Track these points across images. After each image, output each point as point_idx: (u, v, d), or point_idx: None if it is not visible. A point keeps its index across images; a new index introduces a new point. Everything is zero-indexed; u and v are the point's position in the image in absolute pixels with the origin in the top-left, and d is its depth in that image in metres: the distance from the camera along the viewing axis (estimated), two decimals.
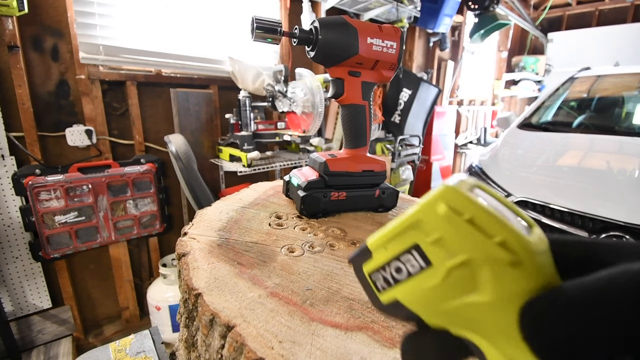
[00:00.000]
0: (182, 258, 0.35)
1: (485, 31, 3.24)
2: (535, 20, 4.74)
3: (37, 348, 1.46)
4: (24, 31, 1.31)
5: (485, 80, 4.48)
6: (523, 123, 2.13)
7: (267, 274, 0.33)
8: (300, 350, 0.23)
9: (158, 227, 1.72)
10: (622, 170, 1.37)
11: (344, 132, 0.52)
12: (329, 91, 0.50)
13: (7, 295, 1.39)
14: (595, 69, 2.42)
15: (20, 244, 1.38)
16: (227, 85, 1.88)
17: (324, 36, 0.42)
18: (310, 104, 1.60)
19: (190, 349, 0.32)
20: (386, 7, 2.28)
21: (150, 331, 0.47)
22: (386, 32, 0.45)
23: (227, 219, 0.44)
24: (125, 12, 1.54)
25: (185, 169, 1.34)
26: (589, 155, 1.57)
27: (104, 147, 1.55)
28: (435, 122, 3.29)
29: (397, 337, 0.26)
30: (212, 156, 1.86)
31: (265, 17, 0.41)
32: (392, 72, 0.48)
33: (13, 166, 1.33)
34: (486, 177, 1.66)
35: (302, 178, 0.49)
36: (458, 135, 3.98)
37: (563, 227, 1.25)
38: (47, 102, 1.41)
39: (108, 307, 1.74)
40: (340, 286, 0.32)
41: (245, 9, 1.92)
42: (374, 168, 0.52)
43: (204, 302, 0.28)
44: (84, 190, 1.46)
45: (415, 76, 2.79)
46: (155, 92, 1.68)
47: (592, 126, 1.90)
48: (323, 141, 1.78)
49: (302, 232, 0.43)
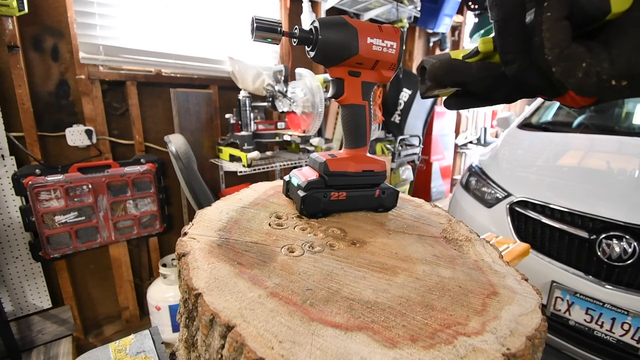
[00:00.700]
0: (182, 258, 0.35)
1: (485, 31, 3.24)
2: None
3: (37, 348, 1.46)
4: (24, 31, 1.31)
5: None
6: (523, 123, 2.13)
7: (267, 274, 0.33)
8: (300, 350, 0.23)
9: (158, 227, 1.72)
10: (622, 170, 1.37)
11: (344, 132, 0.52)
12: (329, 91, 0.50)
13: (7, 295, 1.39)
14: None
15: (20, 244, 1.38)
16: (227, 85, 1.88)
17: (324, 36, 0.42)
18: (310, 104, 1.60)
19: (190, 349, 0.32)
20: (386, 7, 2.28)
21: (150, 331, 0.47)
22: (386, 32, 0.45)
23: (227, 219, 0.44)
24: (126, 12, 1.55)
25: (185, 169, 1.34)
26: (589, 155, 1.57)
27: (104, 147, 1.55)
28: (435, 122, 3.29)
29: (397, 337, 0.26)
30: (212, 156, 1.86)
31: (265, 17, 0.41)
32: (392, 72, 0.48)
33: (13, 166, 1.33)
34: (486, 177, 1.66)
35: (302, 178, 0.49)
36: (458, 135, 3.98)
37: (563, 227, 1.25)
38: (47, 102, 1.41)
39: (108, 307, 1.74)
40: (340, 286, 0.32)
41: (245, 9, 1.92)
42: (374, 168, 0.52)
43: (204, 302, 0.28)
44: (84, 190, 1.46)
45: (416, 76, 2.79)
46: (155, 92, 1.68)
47: (592, 126, 1.90)
48: (323, 141, 1.78)
49: (302, 232, 0.43)
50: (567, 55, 0.20)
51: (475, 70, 0.25)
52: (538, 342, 0.27)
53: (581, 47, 0.20)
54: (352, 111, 0.49)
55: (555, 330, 1.27)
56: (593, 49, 0.20)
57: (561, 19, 0.20)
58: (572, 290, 1.21)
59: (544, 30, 0.20)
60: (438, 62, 0.26)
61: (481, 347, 0.25)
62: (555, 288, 1.25)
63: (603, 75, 0.20)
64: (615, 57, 0.20)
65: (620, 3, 0.19)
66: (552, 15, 0.20)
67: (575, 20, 0.20)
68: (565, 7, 0.20)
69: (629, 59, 0.19)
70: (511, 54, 0.22)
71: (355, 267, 0.36)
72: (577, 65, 0.20)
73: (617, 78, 0.20)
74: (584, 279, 1.19)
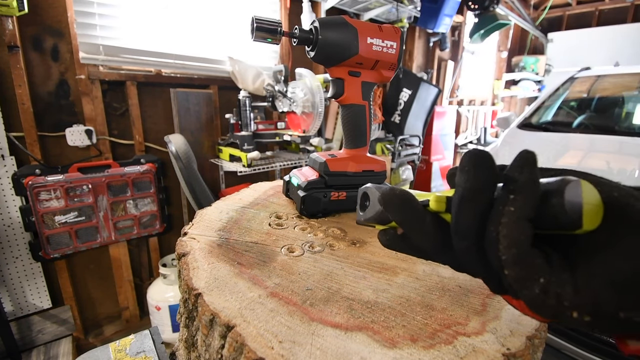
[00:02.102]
0: (182, 258, 0.35)
1: (485, 31, 3.24)
2: (535, 20, 4.74)
3: (37, 348, 1.46)
4: (24, 31, 1.31)
5: (485, 80, 4.48)
6: (523, 123, 2.13)
7: (267, 274, 0.33)
8: (300, 350, 0.23)
9: (158, 227, 1.72)
10: (622, 170, 1.37)
11: (344, 132, 0.52)
12: (329, 91, 0.50)
13: (7, 295, 1.39)
14: (595, 69, 2.42)
15: (20, 244, 1.38)
16: (227, 85, 1.88)
17: (324, 36, 0.42)
18: (310, 104, 1.60)
19: (190, 349, 0.32)
20: (386, 7, 2.28)
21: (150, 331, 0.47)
22: (386, 32, 0.45)
23: (227, 219, 0.44)
24: (125, 12, 1.54)
25: (185, 169, 1.34)
26: (589, 155, 1.57)
27: (104, 147, 1.55)
28: (435, 122, 3.29)
29: (397, 337, 0.26)
30: (212, 156, 1.86)
31: (265, 17, 0.41)
32: (392, 72, 0.48)
33: (13, 166, 1.33)
34: None
35: (302, 178, 0.49)
36: (458, 135, 3.98)
37: None
38: (47, 102, 1.41)
39: (108, 307, 1.74)
40: (340, 286, 0.32)
41: (245, 9, 1.92)
42: (374, 168, 0.52)
43: (204, 302, 0.28)
44: (84, 190, 1.46)
45: (415, 76, 2.79)
46: (155, 92, 1.68)
47: (592, 126, 1.90)
48: (323, 141, 1.78)
49: (302, 232, 0.43)
50: (525, 261, 0.17)
51: (428, 219, 0.22)
52: (538, 342, 0.27)
53: (541, 257, 0.17)
54: (352, 111, 0.49)
55: (555, 330, 1.27)
56: (554, 263, 0.18)
57: (524, 218, 0.17)
58: None
59: (502, 224, 0.18)
60: (398, 190, 0.23)
61: (481, 347, 0.25)
62: None
63: (565, 302, 0.17)
64: (581, 285, 0.17)
65: (591, 221, 0.17)
66: (515, 211, 0.18)
67: (539, 224, 0.18)
68: (532, 208, 0.17)
69: (597, 295, 0.16)
70: (463, 231, 0.20)
71: (355, 267, 0.36)
72: (534, 278, 0.17)
73: (580, 311, 0.17)
74: None
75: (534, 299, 0.17)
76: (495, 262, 0.18)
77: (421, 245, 0.22)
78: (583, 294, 0.17)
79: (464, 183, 0.19)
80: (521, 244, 0.17)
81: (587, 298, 0.17)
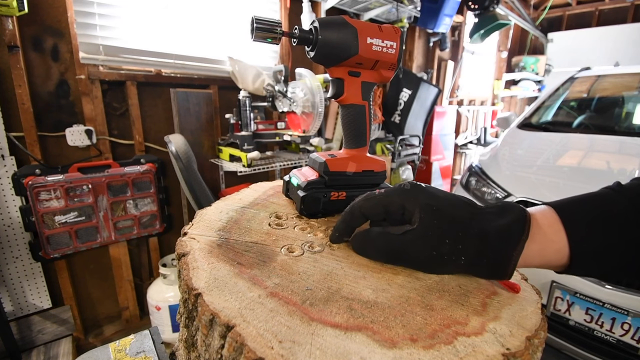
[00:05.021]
0: (182, 258, 0.35)
1: (485, 31, 3.24)
2: (535, 20, 4.74)
3: (37, 348, 1.46)
4: (24, 31, 1.31)
5: (485, 80, 4.48)
6: (523, 123, 2.13)
7: (267, 274, 0.33)
8: (300, 350, 0.23)
9: (158, 227, 1.72)
10: (622, 170, 1.37)
11: (343, 132, 0.52)
12: (329, 91, 0.50)
13: (7, 295, 1.39)
14: (595, 69, 2.42)
15: (20, 244, 1.38)
16: (227, 85, 1.88)
17: (324, 36, 0.42)
18: (310, 104, 1.60)
19: (190, 349, 0.32)
20: (386, 7, 2.28)
21: (150, 331, 0.47)
22: (386, 32, 0.45)
23: (227, 219, 0.44)
24: (125, 12, 1.55)
25: (185, 169, 1.34)
26: (589, 155, 1.57)
27: (104, 147, 1.55)
28: (435, 122, 3.29)
29: (397, 337, 0.26)
30: (212, 156, 1.86)
31: (264, 17, 0.41)
32: (392, 72, 0.48)
33: (13, 166, 1.33)
34: (486, 177, 1.66)
35: (302, 178, 0.49)
36: (458, 135, 3.98)
37: None
38: (47, 102, 1.41)
39: (108, 307, 1.74)
40: (340, 286, 0.32)
41: (245, 9, 1.92)
42: (374, 168, 0.51)
43: (203, 302, 0.28)
44: (84, 190, 1.46)
45: (415, 76, 2.79)
46: (155, 92, 1.68)
47: (592, 126, 1.90)
48: (323, 141, 1.78)
49: (302, 232, 0.43)
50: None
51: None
52: (538, 342, 0.27)
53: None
54: (352, 111, 0.49)
55: (555, 330, 1.27)
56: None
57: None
58: (572, 290, 1.21)
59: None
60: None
61: (481, 347, 0.25)
62: (555, 288, 1.25)
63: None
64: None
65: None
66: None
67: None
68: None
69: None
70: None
71: (355, 266, 0.36)
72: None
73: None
74: (583, 278, 1.19)
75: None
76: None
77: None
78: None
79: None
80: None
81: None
